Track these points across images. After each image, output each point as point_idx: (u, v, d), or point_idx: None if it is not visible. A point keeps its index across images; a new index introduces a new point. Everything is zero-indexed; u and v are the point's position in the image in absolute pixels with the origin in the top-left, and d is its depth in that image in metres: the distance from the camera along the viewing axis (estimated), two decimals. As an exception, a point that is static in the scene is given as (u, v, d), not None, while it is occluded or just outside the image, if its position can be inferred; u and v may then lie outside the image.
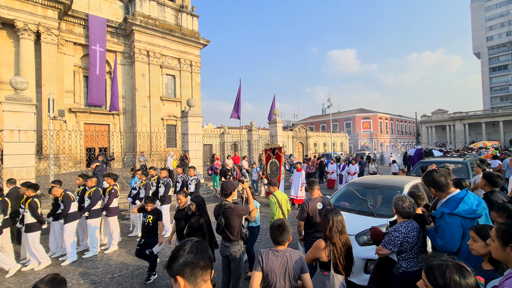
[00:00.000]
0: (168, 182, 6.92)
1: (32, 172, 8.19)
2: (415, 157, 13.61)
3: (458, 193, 2.53)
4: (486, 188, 3.44)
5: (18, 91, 8.13)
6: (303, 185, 9.30)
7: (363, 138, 55.69)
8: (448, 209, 2.42)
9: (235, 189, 3.56)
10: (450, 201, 2.49)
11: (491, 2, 63.52)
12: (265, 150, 10.67)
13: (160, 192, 6.93)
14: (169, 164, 12.59)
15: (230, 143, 27.52)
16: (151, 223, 4.43)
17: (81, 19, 19.14)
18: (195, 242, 1.31)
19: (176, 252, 1.26)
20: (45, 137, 11.63)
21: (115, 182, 6.21)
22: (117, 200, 6.10)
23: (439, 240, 2.42)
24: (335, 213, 2.57)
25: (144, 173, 6.88)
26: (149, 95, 21.80)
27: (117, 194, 6.05)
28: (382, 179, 5.75)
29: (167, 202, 6.99)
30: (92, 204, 5.64)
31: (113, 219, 6.00)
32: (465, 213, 2.36)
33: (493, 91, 64.80)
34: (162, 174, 7.04)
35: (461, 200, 2.43)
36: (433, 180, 2.60)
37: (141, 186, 6.70)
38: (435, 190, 2.60)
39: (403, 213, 2.63)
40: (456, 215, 2.37)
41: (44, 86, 16.88)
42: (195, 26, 24.83)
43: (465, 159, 8.39)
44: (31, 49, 16.59)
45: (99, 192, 5.75)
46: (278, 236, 2.34)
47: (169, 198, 7.01)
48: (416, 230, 2.57)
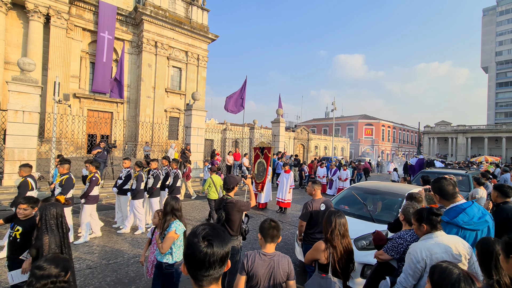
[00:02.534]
0: (157, 174, 6.69)
1: (33, 154, 8.20)
2: (416, 167, 13.57)
3: (462, 204, 2.50)
4: (498, 199, 3.44)
5: (25, 72, 8.13)
6: (291, 188, 8.95)
7: (364, 144, 55.61)
8: (448, 217, 2.41)
9: (237, 184, 3.55)
10: (452, 210, 2.47)
11: (503, 17, 63.14)
12: (254, 148, 10.11)
13: (148, 184, 6.69)
14: (170, 155, 12.58)
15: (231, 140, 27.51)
16: (19, 238, 2.81)
17: (92, 5, 19.09)
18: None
19: None
20: (49, 120, 11.62)
21: (96, 170, 5.91)
22: (98, 188, 5.92)
23: None
24: (338, 215, 2.55)
25: (138, 163, 6.57)
26: (154, 86, 21.78)
27: (98, 182, 5.80)
28: (384, 186, 5.73)
29: (156, 195, 6.80)
30: (63, 192, 5.13)
31: (90, 207, 5.72)
32: (464, 223, 2.34)
33: (498, 106, 64.55)
34: (152, 165, 6.82)
35: (463, 210, 2.41)
36: (440, 187, 2.58)
37: (134, 177, 6.40)
38: (440, 197, 2.58)
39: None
40: (453, 225, 2.37)
41: (51, 69, 16.88)
42: (204, 20, 24.75)
43: (467, 172, 8.36)
44: (40, 31, 16.57)
45: (71, 180, 5.30)
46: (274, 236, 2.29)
47: (158, 191, 6.82)
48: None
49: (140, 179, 6.31)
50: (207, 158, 12.05)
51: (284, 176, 9.02)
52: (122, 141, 21.07)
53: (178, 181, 7.15)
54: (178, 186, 7.19)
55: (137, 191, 6.27)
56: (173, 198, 3.09)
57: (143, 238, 5.97)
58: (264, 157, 9.25)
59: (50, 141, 15.46)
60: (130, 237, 6.01)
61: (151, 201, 6.73)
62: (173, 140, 22.21)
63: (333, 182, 13.17)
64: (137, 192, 6.28)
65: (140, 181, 6.31)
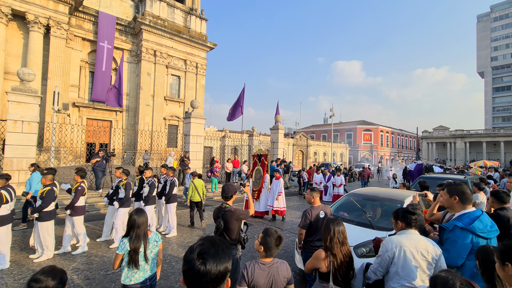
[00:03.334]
0: (153, 182, 6.66)
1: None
2: (415, 172, 13.59)
3: (474, 211, 2.48)
4: (495, 206, 3.46)
5: (25, 82, 8.19)
6: (280, 195, 8.70)
7: (363, 150, 55.69)
8: (462, 223, 2.39)
9: (236, 193, 3.54)
10: (465, 217, 2.45)
11: (497, 23, 64.22)
12: (252, 156, 10.08)
13: (144, 193, 6.66)
14: (168, 163, 12.57)
15: (230, 147, 27.54)
16: None
17: (91, 15, 19.36)
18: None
19: None
20: (48, 130, 11.65)
21: (82, 179, 5.68)
22: (84, 198, 5.69)
23: (444, 252, 2.37)
24: (337, 223, 2.55)
25: (125, 171, 6.34)
26: (153, 94, 21.90)
27: (84, 192, 5.57)
28: (383, 192, 5.73)
29: (151, 203, 6.77)
30: (43, 205, 4.89)
31: (78, 219, 5.48)
32: (479, 231, 2.33)
33: (495, 111, 65.04)
34: (147, 173, 6.77)
35: (477, 218, 2.40)
36: (462, 190, 2.54)
37: (121, 185, 6.20)
38: (459, 200, 2.53)
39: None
40: (468, 231, 2.34)
41: (50, 79, 16.98)
42: (203, 29, 25.09)
43: (466, 177, 8.37)
44: (40, 41, 16.74)
45: (53, 193, 5.05)
46: (277, 243, 2.29)
47: (153, 199, 6.83)
48: None
49: (128, 187, 6.17)
50: (189, 167, 12.00)
51: (274, 183, 8.89)
52: (121, 149, 21.06)
53: (174, 189, 7.12)
54: (174, 194, 7.14)
55: (125, 199, 6.13)
56: (136, 211, 2.74)
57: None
58: (261, 164, 9.16)
59: (49, 150, 15.44)
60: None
61: (146, 209, 6.57)
62: (172, 148, 22.22)
63: (327, 189, 13.11)
64: (126, 201, 6.14)
65: (129, 189, 6.18)
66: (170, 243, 6.32)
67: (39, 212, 4.94)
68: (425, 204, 5.12)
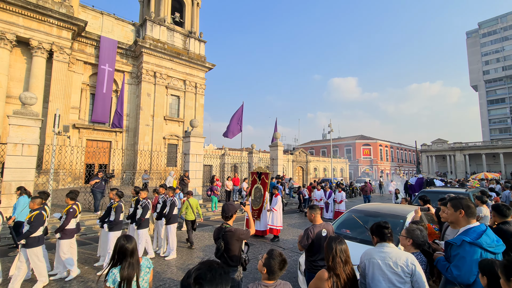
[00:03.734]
0: (146, 204, 6.38)
1: (31, 186, 8.12)
2: (416, 186, 13.49)
3: (479, 225, 2.45)
4: (497, 220, 3.42)
5: (26, 105, 8.31)
6: (275, 210, 8.53)
7: (363, 164, 55.58)
8: (470, 238, 2.33)
9: (236, 212, 3.51)
10: (471, 231, 2.40)
11: (486, 39, 66.44)
12: (251, 173, 9.86)
13: (137, 215, 6.35)
14: (168, 183, 12.49)
15: (230, 165, 27.47)
16: None
17: (93, 40, 20.00)
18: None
19: None
20: (47, 152, 11.67)
21: (74, 201, 5.47)
22: (75, 221, 5.47)
23: (455, 269, 2.30)
24: (339, 241, 2.51)
25: (118, 193, 6.10)
26: (153, 114, 22.16)
27: (75, 214, 5.36)
28: (385, 207, 5.68)
29: (144, 226, 6.40)
30: (31, 230, 4.62)
31: (65, 242, 5.20)
32: (487, 245, 2.28)
33: (491, 123, 65.68)
34: (142, 195, 6.54)
35: (484, 232, 2.36)
36: (467, 203, 2.54)
37: (113, 208, 5.92)
38: (465, 213, 2.51)
39: (421, 242, 2.60)
40: (477, 246, 2.28)
41: (51, 101, 17.24)
42: (201, 51, 25.85)
43: (467, 190, 8.32)
44: (43, 66, 17.17)
45: (41, 217, 4.80)
46: (280, 268, 2.25)
47: (147, 222, 6.52)
48: (424, 264, 2.49)
49: (119, 210, 5.86)
50: (178, 186, 11.85)
51: (273, 200, 8.80)
52: (120, 170, 20.97)
53: (174, 209, 6.97)
54: (175, 214, 6.98)
55: (115, 223, 5.77)
56: (124, 238, 2.48)
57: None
58: (261, 182, 9.03)
59: (47, 173, 15.36)
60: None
61: (139, 233, 6.32)
62: (172, 167, 22.15)
63: (329, 205, 12.76)
64: (115, 224, 5.78)
65: (119, 212, 5.85)
66: (169, 266, 6.14)
67: (26, 238, 4.65)
68: (428, 219, 5.06)
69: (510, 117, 62.48)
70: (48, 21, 17.13)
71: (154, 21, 22.58)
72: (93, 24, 20.65)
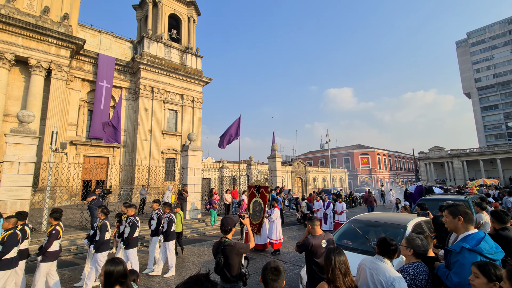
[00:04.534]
0: (134, 222, 5.96)
1: (26, 205, 8.02)
2: (416, 194, 13.44)
3: (478, 232, 2.46)
4: (496, 225, 3.43)
5: (24, 123, 8.33)
6: (274, 221, 8.43)
7: (362, 174, 55.50)
8: (469, 245, 2.34)
9: (235, 225, 3.47)
10: (470, 238, 2.41)
11: (475, 47, 68.30)
12: (249, 187, 9.67)
13: (125, 233, 5.93)
14: (166, 198, 12.37)
15: (229, 177, 27.34)
16: None
17: (92, 57, 20.31)
18: None
19: None
20: (44, 169, 11.58)
21: (57, 222, 5.15)
22: (59, 242, 5.14)
23: (455, 277, 2.28)
24: (337, 253, 2.48)
25: (104, 211, 5.73)
26: (151, 129, 22.22)
27: (58, 235, 5.02)
28: (385, 217, 5.65)
29: (133, 245, 5.96)
30: (3, 251, 4.32)
31: (44, 265, 4.88)
32: (486, 252, 2.28)
33: (486, 129, 66.42)
34: (129, 211, 6.14)
35: (482, 239, 2.37)
36: (465, 210, 2.56)
37: (97, 227, 5.58)
38: (464, 220, 2.51)
39: (422, 251, 2.58)
40: (476, 252, 2.29)
41: (49, 119, 17.28)
42: (198, 66, 26.28)
43: (466, 197, 8.31)
44: (41, 84, 17.32)
45: (15, 236, 4.54)
46: (271, 280, 2.18)
47: (135, 241, 6.08)
48: (425, 273, 2.46)
49: (104, 229, 5.48)
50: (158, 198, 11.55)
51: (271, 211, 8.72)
52: (118, 186, 20.78)
53: (173, 225, 6.73)
54: (173, 231, 6.73)
55: (100, 243, 5.40)
56: (110, 262, 2.24)
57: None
58: (260, 196, 8.91)
59: (44, 190, 15.18)
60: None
61: (127, 253, 5.91)
62: (170, 181, 22.00)
63: (327, 217, 12.16)
64: (100, 244, 5.41)
65: (104, 231, 5.48)
66: (168, 283, 6.00)
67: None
68: (429, 228, 5.03)
69: (504, 123, 63.31)
70: (47, 41, 17.43)
71: (151, 38, 23.05)
72: (91, 42, 21.03)
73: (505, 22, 64.46)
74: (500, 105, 64.02)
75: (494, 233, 3.38)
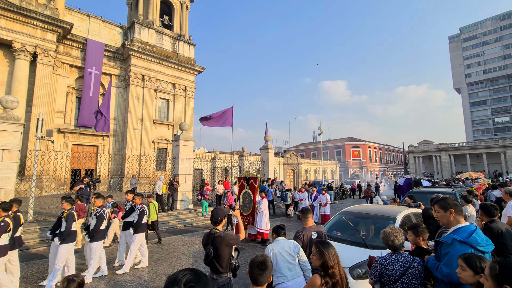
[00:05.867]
0: (101, 214, 5.66)
1: (11, 193, 7.80)
2: (405, 187, 13.75)
3: (469, 225, 2.46)
4: (485, 219, 3.48)
5: (7, 110, 8.00)
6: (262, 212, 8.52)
7: (353, 166, 56.32)
8: (461, 237, 2.33)
9: (225, 217, 3.43)
10: (462, 231, 2.40)
11: (467, 43, 69.03)
12: (238, 178, 9.61)
13: (91, 225, 5.65)
14: (158, 188, 12.26)
15: (221, 168, 27.27)
16: None
17: (80, 42, 19.55)
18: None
19: None
20: (30, 158, 11.22)
21: (6, 213, 4.70)
22: (8, 236, 4.70)
23: (445, 268, 2.28)
24: (327, 245, 2.47)
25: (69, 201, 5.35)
26: (142, 118, 21.79)
27: (8, 228, 4.60)
28: (375, 209, 5.72)
29: (98, 238, 5.62)
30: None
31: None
32: (477, 244, 2.29)
33: (474, 124, 68.01)
34: (97, 202, 5.84)
35: (474, 231, 2.36)
36: (454, 202, 2.56)
37: (63, 217, 5.17)
38: (455, 213, 2.51)
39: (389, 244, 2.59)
40: (467, 244, 2.29)
41: (35, 105, 16.68)
42: (191, 54, 25.69)
43: (454, 190, 8.51)
44: (26, 69, 16.62)
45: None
46: (258, 275, 2.12)
47: (102, 234, 5.78)
48: (399, 264, 2.42)
49: (70, 219, 5.10)
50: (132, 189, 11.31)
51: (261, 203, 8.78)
52: (107, 175, 20.46)
53: (144, 217, 6.40)
54: (144, 223, 6.41)
55: (66, 234, 5.02)
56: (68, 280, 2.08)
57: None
58: (250, 187, 8.88)
59: (30, 179, 14.81)
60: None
61: (91, 245, 5.58)
62: (161, 171, 21.79)
63: (314, 208, 11.87)
64: (67, 235, 5.04)
65: (71, 221, 5.10)
66: (141, 276, 5.79)
67: None
68: (418, 220, 5.12)
69: (491, 119, 64.90)
70: (32, 23, 16.64)
71: (142, 24, 22.31)
72: (79, 26, 20.21)
73: (497, 18, 65.15)
74: (488, 100, 65.43)
75: (484, 226, 3.44)
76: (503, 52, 63.07)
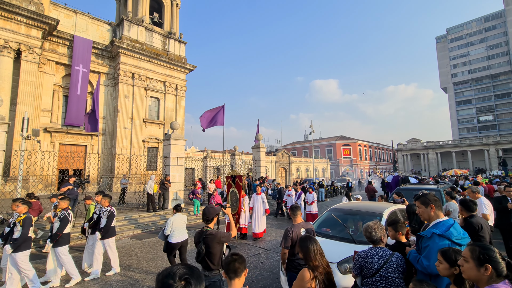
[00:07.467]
0: (65, 216, 5.19)
1: (-4, 195, 7.59)
2: (393, 184, 14.09)
3: (448, 220, 2.60)
4: (464, 214, 3.65)
5: (-9, 108, 7.78)
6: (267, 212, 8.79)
7: (343, 164, 57.11)
8: (439, 230, 2.46)
9: (217, 215, 3.48)
10: (440, 225, 2.53)
11: (454, 43, 70.82)
12: (226, 177, 9.56)
13: (54, 229, 5.19)
14: (149, 188, 12.15)
15: (213, 167, 27.18)
16: None
17: (66, 39, 19.09)
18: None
19: None
20: (15, 158, 10.93)
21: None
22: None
23: (425, 260, 2.40)
24: (313, 241, 2.55)
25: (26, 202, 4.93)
26: (132, 117, 21.48)
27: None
28: (363, 205, 5.87)
29: (62, 243, 5.16)
30: None
31: None
32: (455, 237, 2.42)
33: (460, 123, 69.96)
34: (62, 204, 5.35)
35: (452, 225, 2.50)
36: (434, 198, 2.68)
37: (18, 222, 4.70)
38: (435, 208, 2.63)
39: (368, 238, 2.69)
40: (446, 238, 2.41)
41: (20, 104, 16.22)
42: (182, 52, 25.45)
43: (439, 187, 8.80)
44: (10, 66, 16.13)
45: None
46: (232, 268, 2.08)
47: (67, 238, 5.33)
48: (378, 257, 2.50)
49: (27, 224, 4.68)
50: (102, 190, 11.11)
51: (256, 199, 9.02)
52: (96, 175, 20.11)
53: (113, 221, 5.86)
54: (113, 226, 5.89)
55: (21, 241, 4.58)
56: None
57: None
58: (236, 186, 8.83)
59: (16, 180, 14.42)
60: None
61: (56, 251, 5.12)
62: (152, 171, 21.58)
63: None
64: (23, 241, 4.61)
65: (28, 226, 4.69)
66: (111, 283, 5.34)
67: None
68: (403, 216, 5.29)
69: (476, 117, 66.91)
70: (15, 19, 16.14)
71: (131, 21, 21.95)
72: (66, 23, 19.72)
73: (482, 20, 67.07)
74: (473, 100, 67.40)
75: (464, 220, 3.60)
76: (487, 52, 65.02)
